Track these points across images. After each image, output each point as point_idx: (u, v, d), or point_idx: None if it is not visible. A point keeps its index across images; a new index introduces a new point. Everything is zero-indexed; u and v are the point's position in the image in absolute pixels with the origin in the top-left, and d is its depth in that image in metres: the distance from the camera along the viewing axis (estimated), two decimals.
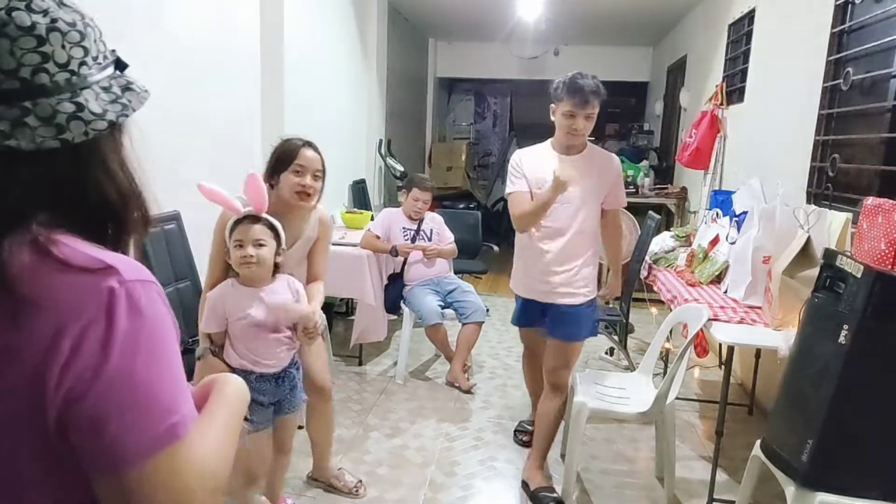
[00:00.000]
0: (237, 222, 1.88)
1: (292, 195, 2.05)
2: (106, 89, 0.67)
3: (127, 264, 0.65)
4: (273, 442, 2.07)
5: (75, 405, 0.59)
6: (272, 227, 1.89)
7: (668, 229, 4.46)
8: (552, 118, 2.44)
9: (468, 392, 3.47)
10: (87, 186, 0.67)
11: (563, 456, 2.75)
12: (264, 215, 1.88)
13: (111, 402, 0.60)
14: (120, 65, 0.71)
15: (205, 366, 1.89)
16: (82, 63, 0.65)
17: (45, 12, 0.62)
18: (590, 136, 2.47)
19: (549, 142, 2.53)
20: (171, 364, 0.66)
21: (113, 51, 0.72)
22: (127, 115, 0.68)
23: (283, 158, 2.08)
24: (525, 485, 2.54)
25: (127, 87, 0.70)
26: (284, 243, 1.95)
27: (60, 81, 0.63)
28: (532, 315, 2.60)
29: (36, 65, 0.62)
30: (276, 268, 1.93)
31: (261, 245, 1.86)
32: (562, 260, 2.44)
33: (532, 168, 2.44)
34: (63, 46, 0.63)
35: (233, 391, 0.85)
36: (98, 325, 0.60)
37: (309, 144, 2.13)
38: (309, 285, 2.17)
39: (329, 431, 2.47)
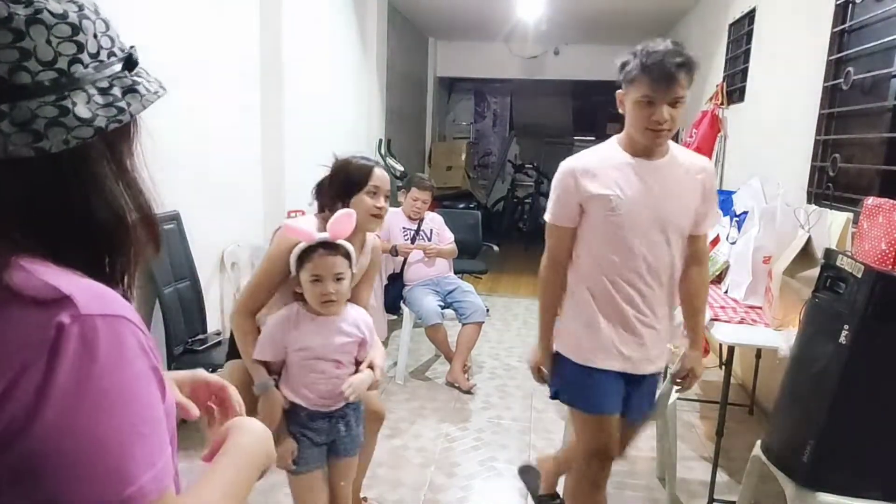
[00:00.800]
0: (309, 250, 1.65)
1: (367, 218, 1.87)
2: (103, 91, 0.59)
3: (90, 295, 0.56)
4: (328, 490, 1.86)
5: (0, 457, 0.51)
6: (348, 255, 1.70)
7: None
8: (619, 110, 1.74)
9: (468, 392, 3.47)
10: (71, 202, 0.58)
11: None
12: (341, 242, 1.68)
13: (44, 461, 0.51)
14: (130, 63, 0.63)
15: (266, 400, 1.72)
16: (74, 61, 0.57)
17: (28, 2, 0.54)
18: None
19: (612, 141, 1.78)
20: (135, 420, 0.55)
21: (131, 47, 0.64)
22: (121, 122, 0.60)
23: (355, 180, 1.89)
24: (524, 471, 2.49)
25: (131, 89, 0.61)
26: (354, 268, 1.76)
27: (45, 81, 0.55)
28: (618, 393, 1.80)
29: (13, 62, 0.54)
30: None
31: (340, 279, 1.66)
32: (656, 310, 1.77)
33: (596, 182, 1.70)
34: (48, 41, 0.55)
35: (248, 442, 0.75)
36: (36, 368, 0.51)
37: (377, 164, 1.96)
38: None
39: (368, 460, 2.23)
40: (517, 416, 3.20)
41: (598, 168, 1.72)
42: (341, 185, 1.89)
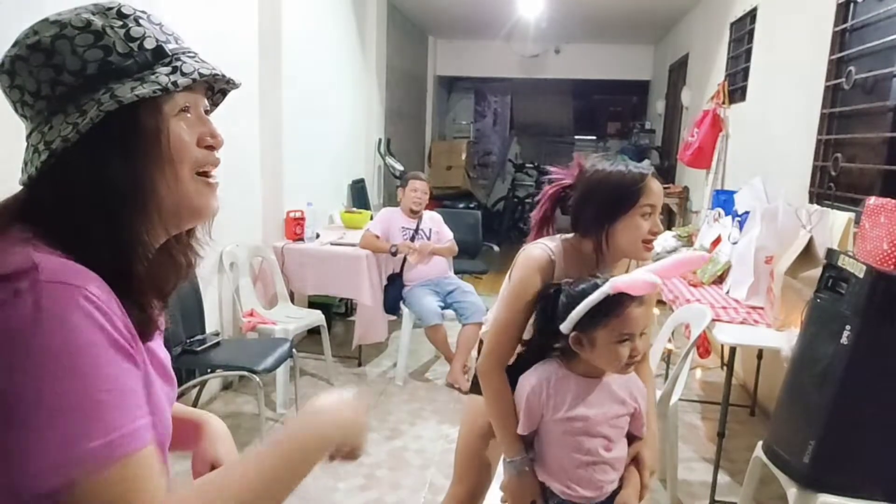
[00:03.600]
0: (613, 302, 1.27)
1: (636, 246, 1.45)
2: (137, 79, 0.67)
3: (58, 267, 0.59)
4: None
5: None
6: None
7: (669, 229, 4.45)
8: None
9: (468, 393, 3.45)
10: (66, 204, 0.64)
11: None
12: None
13: None
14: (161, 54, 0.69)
15: (519, 482, 1.40)
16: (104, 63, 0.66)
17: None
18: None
19: None
20: (85, 383, 0.56)
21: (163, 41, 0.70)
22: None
23: (623, 198, 1.43)
24: None
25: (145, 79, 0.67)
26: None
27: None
28: None
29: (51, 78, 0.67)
30: None
31: (644, 334, 1.31)
32: None
33: None
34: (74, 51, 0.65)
35: (307, 427, 0.72)
36: None
37: (651, 170, 1.49)
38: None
39: None
40: None
41: None
42: (605, 203, 1.44)
